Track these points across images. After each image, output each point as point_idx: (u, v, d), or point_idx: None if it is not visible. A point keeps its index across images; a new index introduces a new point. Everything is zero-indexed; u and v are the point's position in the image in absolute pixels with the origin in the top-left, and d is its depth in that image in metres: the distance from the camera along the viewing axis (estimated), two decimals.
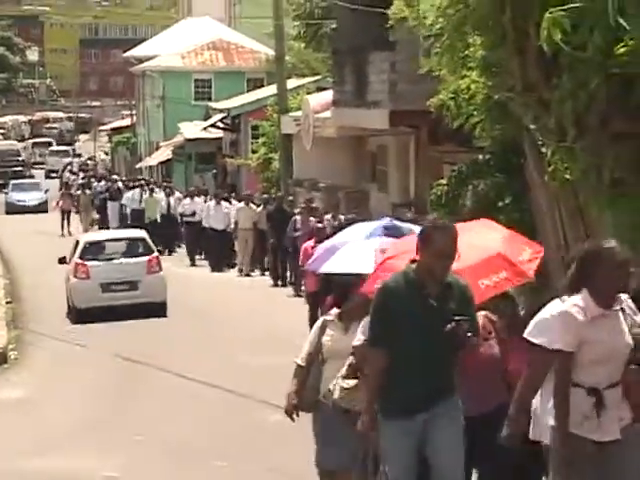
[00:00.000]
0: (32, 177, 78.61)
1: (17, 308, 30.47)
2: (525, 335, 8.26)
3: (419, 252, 8.72)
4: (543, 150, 13.39)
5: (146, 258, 30.57)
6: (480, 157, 19.76)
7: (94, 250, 30.91)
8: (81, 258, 30.13)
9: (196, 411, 17.69)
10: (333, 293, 11.50)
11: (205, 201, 42.22)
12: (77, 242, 31.78)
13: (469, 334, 8.83)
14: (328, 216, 28.32)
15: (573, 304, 8.12)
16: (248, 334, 23.10)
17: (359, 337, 9.97)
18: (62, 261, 31.54)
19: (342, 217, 27.30)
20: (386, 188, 34.35)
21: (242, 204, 36.64)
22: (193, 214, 40.34)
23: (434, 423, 9.07)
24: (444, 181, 21.19)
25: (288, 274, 31.96)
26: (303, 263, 20.68)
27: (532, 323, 8.29)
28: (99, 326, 26.47)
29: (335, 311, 10.98)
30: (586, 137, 11.79)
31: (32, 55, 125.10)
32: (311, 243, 21.83)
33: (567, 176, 12.66)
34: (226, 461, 14.60)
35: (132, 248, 31.41)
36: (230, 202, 39.51)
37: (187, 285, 33.34)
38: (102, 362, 22.05)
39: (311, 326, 11.85)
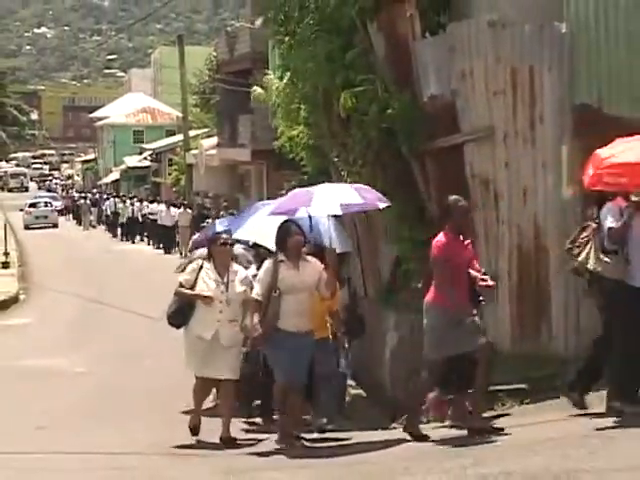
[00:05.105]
0: (52, 190, 76.04)
1: (25, 269, 29.85)
2: None
3: None
4: (342, 174, 13.41)
5: (51, 208, 50.66)
6: (305, 177, 19.74)
7: (34, 204, 50.79)
8: (29, 207, 50.04)
9: (134, 329, 17.51)
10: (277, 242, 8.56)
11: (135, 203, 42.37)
12: (26, 203, 51.45)
13: None
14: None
15: None
16: (166, 286, 22.77)
17: (609, 221, 7.59)
18: (21, 209, 51.02)
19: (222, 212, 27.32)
20: (249, 196, 34.32)
21: (181, 209, 34.53)
22: (152, 214, 38.37)
23: None
24: (284, 192, 21.17)
25: None
26: None
27: None
28: (70, 281, 26.04)
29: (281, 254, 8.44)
30: (367, 166, 11.78)
31: (34, 116, 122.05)
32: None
33: None
34: (153, 360, 14.51)
35: (47, 204, 51.19)
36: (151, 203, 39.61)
37: (140, 260, 32.97)
38: (78, 303, 21.70)
39: None
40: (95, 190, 64.82)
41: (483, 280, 7.89)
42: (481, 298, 8.11)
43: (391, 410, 10.03)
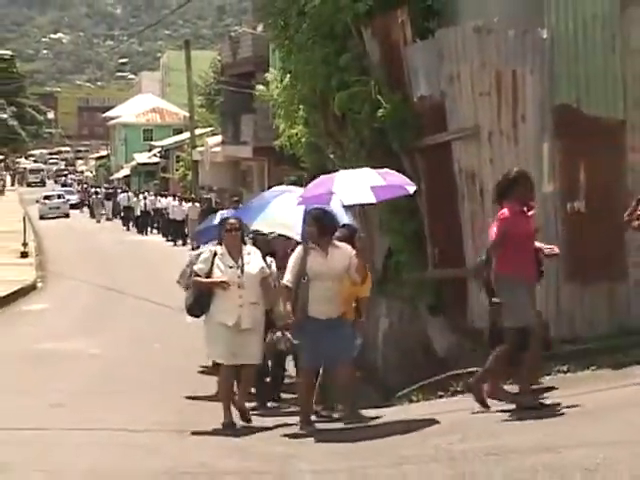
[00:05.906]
0: (67, 185, 75.41)
1: (42, 258, 29.77)
2: None
3: None
4: (338, 169, 13.31)
5: (62, 200, 52.63)
6: (304, 174, 19.77)
7: (48, 197, 52.97)
8: (44, 199, 52.07)
9: (145, 316, 17.49)
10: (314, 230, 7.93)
11: (145, 198, 42.12)
12: (42, 195, 53.60)
13: None
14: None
15: None
16: (171, 276, 22.77)
17: None
18: (37, 201, 52.79)
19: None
20: (252, 190, 34.29)
21: (191, 204, 34.09)
22: (165, 209, 37.90)
23: None
24: (284, 186, 21.17)
25: None
26: None
27: None
28: (85, 270, 26.00)
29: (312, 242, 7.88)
30: (360, 163, 11.78)
31: (50, 115, 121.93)
32: None
33: None
34: (161, 343, 14.52)
35: (59, 197, 53.34)
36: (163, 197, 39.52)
37: (153, 250, 32.79)
38: (92, 290, 21.68)
39: None
40: (107, 185, 64.76)
41: (549, 249, 7.71)
42: (542, 269, 7.77)
43: (384, 390, 10.01)
